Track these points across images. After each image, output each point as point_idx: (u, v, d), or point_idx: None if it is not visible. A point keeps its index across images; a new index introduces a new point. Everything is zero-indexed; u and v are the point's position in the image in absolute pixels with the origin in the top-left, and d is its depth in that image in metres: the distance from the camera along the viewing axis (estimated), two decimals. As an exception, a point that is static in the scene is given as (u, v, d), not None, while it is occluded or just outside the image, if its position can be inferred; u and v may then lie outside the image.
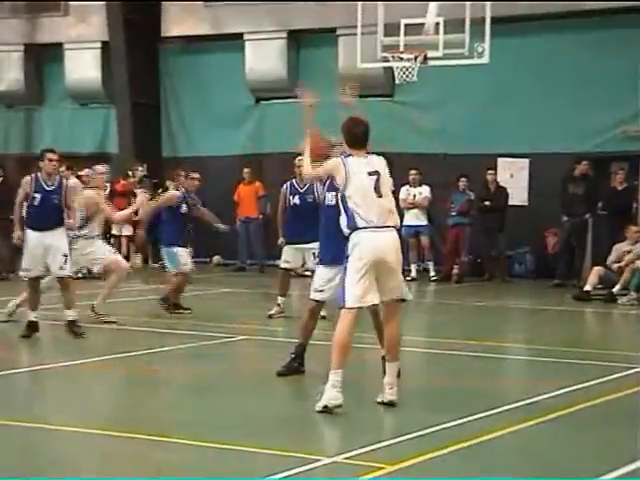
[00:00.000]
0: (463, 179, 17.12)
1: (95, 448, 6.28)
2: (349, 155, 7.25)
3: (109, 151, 20.88)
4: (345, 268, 7.11)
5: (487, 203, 16.97)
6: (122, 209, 18.29)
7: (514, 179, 17.59)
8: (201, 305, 13.00)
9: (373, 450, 6.03)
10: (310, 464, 5.73)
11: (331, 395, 7.00)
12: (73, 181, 14.17)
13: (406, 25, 15.15)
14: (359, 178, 7.10)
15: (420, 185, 17.14)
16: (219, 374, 8.75)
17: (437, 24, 14.97)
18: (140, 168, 18.93)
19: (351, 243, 7.09)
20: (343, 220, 7.17)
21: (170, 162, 20.08)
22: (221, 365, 9.24)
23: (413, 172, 17.13)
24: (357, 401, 7.87)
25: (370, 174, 7.13)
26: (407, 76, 15.32)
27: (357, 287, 7.02)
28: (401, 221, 15.83)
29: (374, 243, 7.02)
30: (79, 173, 17.41)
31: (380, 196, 7.11)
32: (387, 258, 7.05)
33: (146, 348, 9.94)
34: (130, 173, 19.14)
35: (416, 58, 15.09)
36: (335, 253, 7.64)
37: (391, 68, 15.93)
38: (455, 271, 17.04)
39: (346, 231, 7.16)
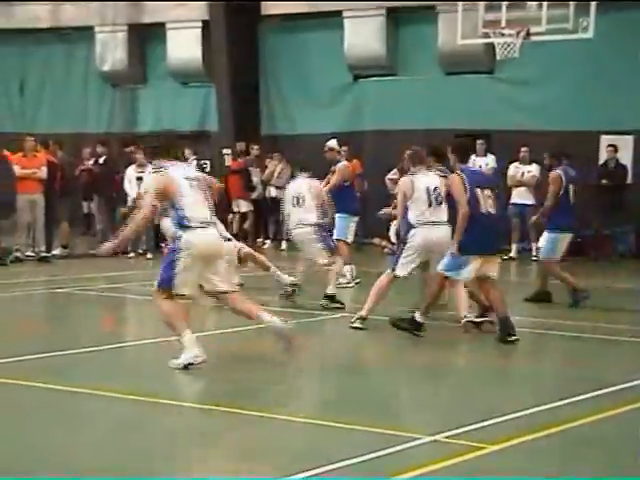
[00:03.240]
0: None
1: (199, 422, 6.42)
2: (172, 165, 7.86)
3: (209, 129, 21.16)
4: (172, 259, 7.58)
5: (604, 182, 16.64)
6: (237, 187, 18.62)
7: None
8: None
9: (475, 430, 6.01)
10: (411, 442, 5.74)
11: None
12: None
13: (508, 0, 14.94)
14: (183, 183, 7.71)
15: (530, 163, 16.69)
16: (321, 352, 8.82)
17: (540, -1, 14.71)
18: (256, 147, 19.13)
19: (183, 239, 7.56)
20: (170, 218, 7.76)
21: (269, 140, 20.26)
22: (323, 342, 9.31)
23: (524, 149, 16.67)
24: (456, 381, 7.88)
25: (190, 179, 7.78)
26: (509, 52, 15.10)
27: (184, 278, 7.58)
28: (508, 199, 15.75)
29: (207, 240, 7.64)
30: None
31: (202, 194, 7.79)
32: (219, 253, 7.85)
33: (247, 324, 10.06)
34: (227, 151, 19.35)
35: (518, 33, 14.85)
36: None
37: (491, 44, 15.71)
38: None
39: (175, 227, 7.68)
